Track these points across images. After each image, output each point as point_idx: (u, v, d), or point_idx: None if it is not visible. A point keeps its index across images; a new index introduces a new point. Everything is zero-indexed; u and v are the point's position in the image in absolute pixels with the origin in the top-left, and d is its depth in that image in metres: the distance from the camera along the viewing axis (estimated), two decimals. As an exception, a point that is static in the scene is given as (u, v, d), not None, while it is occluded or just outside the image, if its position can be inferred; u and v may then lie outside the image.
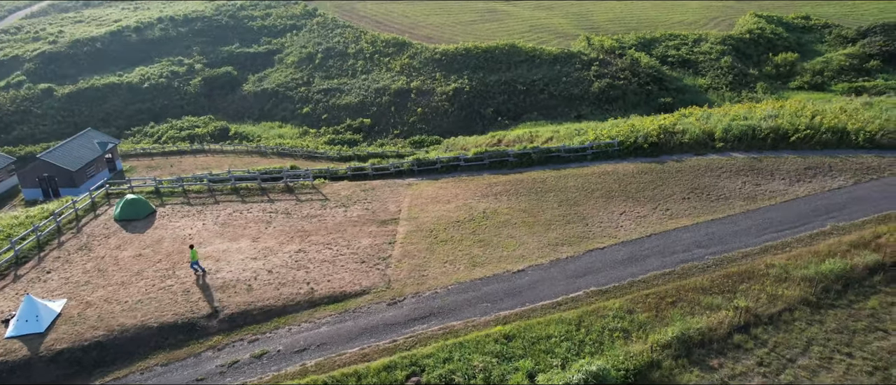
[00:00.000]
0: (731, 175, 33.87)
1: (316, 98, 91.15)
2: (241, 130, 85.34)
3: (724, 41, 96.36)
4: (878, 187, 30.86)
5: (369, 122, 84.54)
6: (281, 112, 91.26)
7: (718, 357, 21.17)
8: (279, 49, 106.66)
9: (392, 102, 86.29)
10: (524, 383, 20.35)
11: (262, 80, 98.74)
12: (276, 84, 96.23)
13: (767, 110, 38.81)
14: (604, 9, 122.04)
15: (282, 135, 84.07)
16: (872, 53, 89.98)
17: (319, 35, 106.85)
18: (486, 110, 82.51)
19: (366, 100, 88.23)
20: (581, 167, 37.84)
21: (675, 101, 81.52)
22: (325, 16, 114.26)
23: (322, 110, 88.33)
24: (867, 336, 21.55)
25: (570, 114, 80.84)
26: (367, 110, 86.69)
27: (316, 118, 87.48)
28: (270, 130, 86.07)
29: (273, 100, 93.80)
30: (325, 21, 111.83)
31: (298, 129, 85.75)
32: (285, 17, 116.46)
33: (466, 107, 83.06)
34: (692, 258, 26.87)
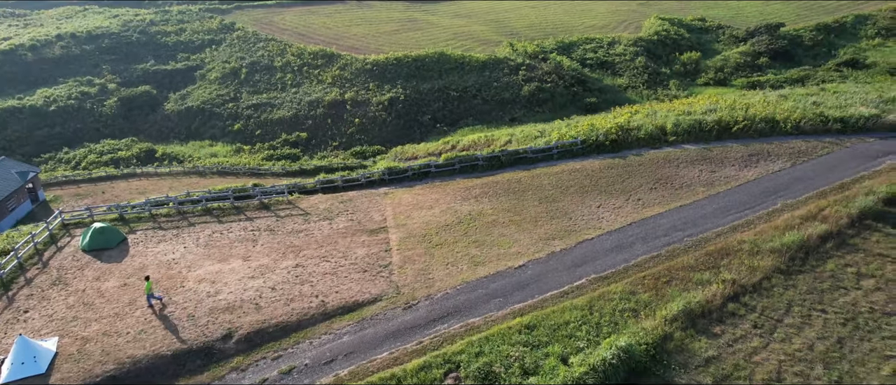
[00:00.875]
0: (688, 165, 37.46)
1: (246, 114, 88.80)
2: (169, 151, 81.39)
3: (636, 43, 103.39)
4: (811, 167, 35.38)
5: (306, 135, 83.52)
6: (210, 130, 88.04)
7: (719, 325, 23.82)
8: (199, 65, 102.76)
9: (327, 114, 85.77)
10: (559, 366, 21.94)
11: (185, 98, 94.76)
12: (201, 101, 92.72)
13: (706, 105, 43.14)
14: (519, 16, 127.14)
15: (215, 153, 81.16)
16: (761, 51, 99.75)
17: (242, 49, 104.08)
18: (423, 118, 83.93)
19: (300, 113, 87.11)
20: (550, 166, 40.22)
21: (599, 100, 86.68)
22: (244, 30, 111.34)
23: (255, 126, 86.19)
24: (833, 294, 25.02)
25: (503, 117, 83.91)
26: (302, 124, 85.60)
27: (249, 134, 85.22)
28: (201, 150, 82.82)
29: (199, 118, 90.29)
30: (246, 35, 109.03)
31: (231, 147, 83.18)
32: (202, 32, 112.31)
33: (403, 115, 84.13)
34: (673, 241, 29.70)
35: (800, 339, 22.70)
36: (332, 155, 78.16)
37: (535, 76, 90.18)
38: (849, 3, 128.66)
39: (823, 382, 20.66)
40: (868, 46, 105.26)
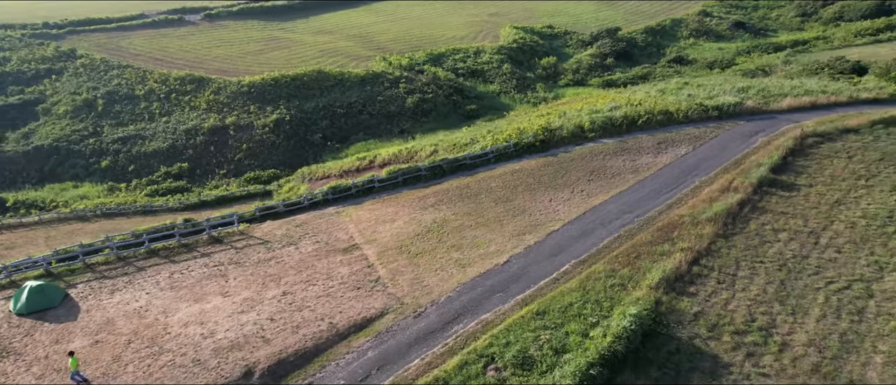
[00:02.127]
0: (612, 156, 42.57)
1: (113, 148, 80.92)
2: (23, 198, 71.29)
3: (499, 51, 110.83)
4: (708, 149, 42.20)
5: (187, 165, 78.32)
6: (70, 170, 78.78)
7: (692, 286, 28.22)
8: (39, 98, 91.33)
9: (209, 142, 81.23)
10: (585, 340, 24.69)
11: (29, 137, 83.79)
12: (52, 139, 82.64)
13: (610, 103, 49.07)
14: (382, 31, 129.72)
15: (85, 195, 72.79)
16: (607, 53, 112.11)
17: (92, 78, 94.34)
18: (313, 137, 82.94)
19: (177, 143, 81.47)
20: (490, 170, 43.17)
21: (478, 107, 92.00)
22: (90, 56, 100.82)
23: (126, 161, 78.82)
24: (763, 248, 30.73)
25: (393, 130, 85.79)
26: (181, 154, 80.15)
27: (121, 171, 77.71)
28: (65, 193, 73.78)
29: (54, 157, 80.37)
30: (93, 62, 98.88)
31: (102, 186, 75.23)
32: (35, 61, 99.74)
33: (293, 136, 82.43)
34: (626, 223, 34.05)
35: (755, 287, 27.74)
36: (223, 183, 74.24)
37: (415, 88, 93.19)
38: (664, 8, 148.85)
39: (783, 316, 25.64)
40: (686, 45, 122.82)
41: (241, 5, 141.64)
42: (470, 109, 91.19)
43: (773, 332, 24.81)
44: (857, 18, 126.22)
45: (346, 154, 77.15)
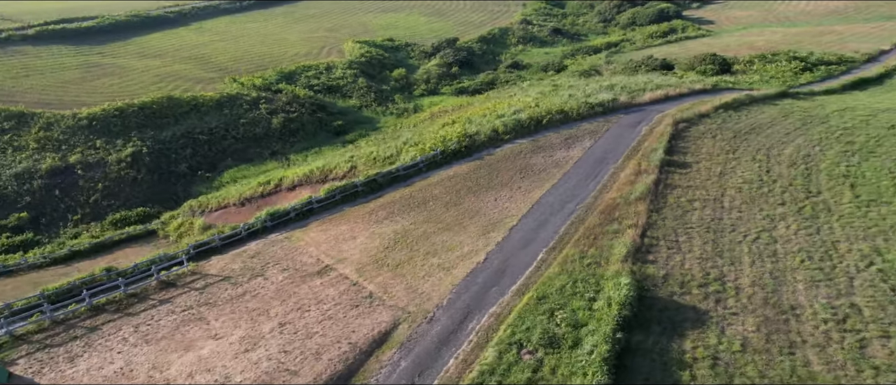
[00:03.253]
0: (531, 154, 47.03)
1: (-84, 209, 66.63)
2: None
3: (350, 66, 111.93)
4: (607, 140, 48.68)
5: (27, 215, 67.57)
6: None
7: (649, 254, 33.30)
8: None
9: (52, 185, 70.91)
10: (594, 311, 28.15)
11: None
12: None
13: (513, 106, 53.70)
14: (217, 51, 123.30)
15: None
16: (451, 62, 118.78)
17: None
18: (178, 167, 76.68)
19: (7, 190, 69.84)
20: (426, 178, 45.03)
21: (345, 122, 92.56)
22: None
23: (-62, 222, 65.39)
24: (687, 216, 36.99)
25: (264, 153, 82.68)
26: (16, 202, 68.94)
27: (-67, 234, 64.24)
28: None
29: None
30: None
31: (-87, 255, 61.51)
32: None
33: (154, 169, 75.32)
34: (572, 211, 38.48)
35: (696, 248, 33.65)
36: (83, 229, 65.25)
37: (277, 108, 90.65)
38: (488, 19, 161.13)
39: (726, 267, 31.66)
40: (517, 52, 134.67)
41: (38, 28, 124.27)
42: (337, 125, 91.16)
43: (725, 281, 30.54)
44: (646, 23, 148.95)
45: (220, 182, 73.28)
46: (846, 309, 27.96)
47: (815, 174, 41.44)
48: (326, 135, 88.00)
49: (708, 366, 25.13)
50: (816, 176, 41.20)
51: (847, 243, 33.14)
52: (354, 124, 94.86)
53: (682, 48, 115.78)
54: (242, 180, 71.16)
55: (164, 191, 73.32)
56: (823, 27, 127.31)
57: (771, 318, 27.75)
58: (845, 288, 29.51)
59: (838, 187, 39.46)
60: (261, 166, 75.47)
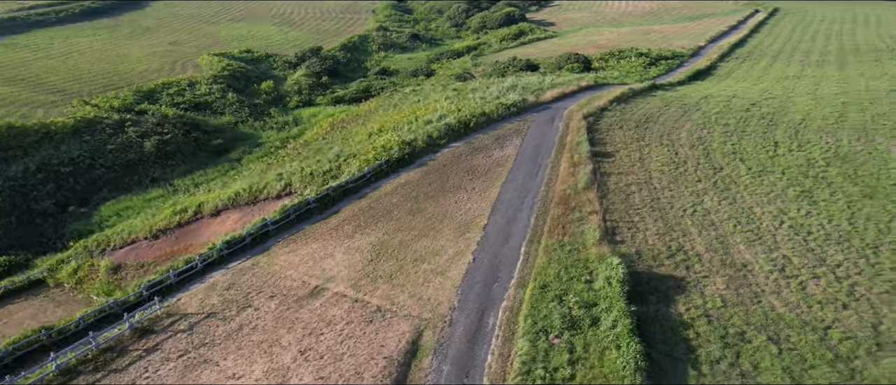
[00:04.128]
0: (471, 156, 49.15)
1: None
2: None
3: (215, 80, 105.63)
4: (533, 137, 52.49)
5: None
6: None
7: (617, 236, 37.28)
8: None
9: None
10: (596, 292, 31.16)
11: None
12: None
13: (438, 112, 55.28)
14: (47, 69, 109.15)
15: None
16: (318, 71, 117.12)
17: None
18: (41, 205, 66.98)
19: None
20: (378, 189, 45.04)
21: (225, 141, 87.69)
22: None
23: None
24: (630, 199, 41.81)
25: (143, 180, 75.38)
26: None
27: None
28: None
29: None
30: None
31: None
32: None
33: (11, 210, 64.84)
34: (532, 204, 41.43)
35: (651, 226, 38.34)
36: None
37: (147, 130, 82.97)
38: (343, 26, 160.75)
39: (682, 240, 36.68)
40: (381, 58, 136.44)
41: None
42: (217, 144, 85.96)
43: (685, 251, 35.42)
44: (496, 26, 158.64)
45: (100, 217, 66.38)
46: (781, 260, 34.05)
47: (712, 153, 48.88)
48: (207, 155, 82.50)
49: (704, 322, 29.29)
50: (713, 155, 48.62)
51: (759, 208, 39.96)
52: (235, 142, 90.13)
53: (537, 49, 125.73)
54: (128, 212, 64.88)
55: (28, 233, 63.71)
56: (647, 27, 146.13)
57: (733, 276, 32.89)
58: (772, 244, 35.78)
59: (733, 162, 47.03)
60: (143, 195, 69.18)
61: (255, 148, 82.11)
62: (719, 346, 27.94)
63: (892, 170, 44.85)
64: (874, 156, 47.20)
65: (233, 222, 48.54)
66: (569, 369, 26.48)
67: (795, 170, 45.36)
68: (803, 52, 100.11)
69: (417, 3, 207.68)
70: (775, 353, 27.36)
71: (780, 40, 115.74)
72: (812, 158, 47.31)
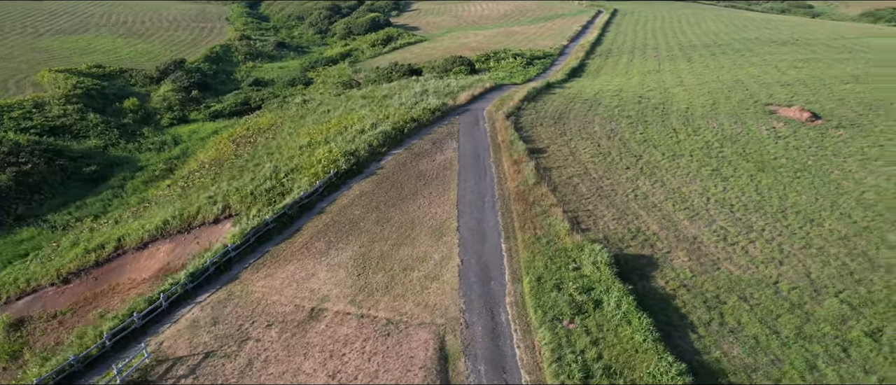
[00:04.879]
0: (416, 161, 49.62)
1: None
2: None
3: (69, 100, 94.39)
4: (466, 138, 54.27)
5: None
6: None
7: (579, 223, 40.41)
8: None
9: None
10: (588, 278, 33.81)
11: None
12: None
13: (369, 121, 54.73)
14: None
15: None
16: (187, 85, 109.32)
17: None
18: None
19: None
20: (333, 202, 43.83)
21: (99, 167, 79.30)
22: None
23: None
24: (578, 188, 45.40)
25: (5, 219, 65.35)
26: None
27: None
28: None
29: None
30: None
31: None
32: None
33: None
34: (493, 203, 43.25)
35: (605, 212, 42.08)
36: None
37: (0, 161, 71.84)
38: (198, 37, 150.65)
39: (633, 221, 40.82)
40: (250, 68, 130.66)
41: None
42: (91, 172, 77.28)
43: (643, 232, 39.54)
44: (362, 32, 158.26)
45: None
46: (721, 231, 39.40)
47: (628, 143, 54.37)
48: (80, 184, 73.77)
49: (685, 292, 33.23)
50: (629, 144, 54.12)
51: (685, 187, 45.55)
52: (110, 167, 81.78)
53: (412, 54, 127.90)
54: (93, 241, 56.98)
55: None
56: (508, 29, 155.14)
57: (689, 249, 37.44)
58: (708, 218, 41.17)
59: (648, 149, 52.80)
60: (11, 237, 60.73)
61: (137, 172, 75.09)
62: (705, 310, 31.86)
63: (768, 146, 53.38)
64: (751, 136, 55.73)
65: (165, 254, 44.41)
66: (594, 349, 28.60)
67: (700, 152, 52.12)
68: (653, 49, 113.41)
69: (272, 9, 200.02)
70: (748, 309, 31.85)
71: (628, 38, 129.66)
72: (708, 141, 54.62)
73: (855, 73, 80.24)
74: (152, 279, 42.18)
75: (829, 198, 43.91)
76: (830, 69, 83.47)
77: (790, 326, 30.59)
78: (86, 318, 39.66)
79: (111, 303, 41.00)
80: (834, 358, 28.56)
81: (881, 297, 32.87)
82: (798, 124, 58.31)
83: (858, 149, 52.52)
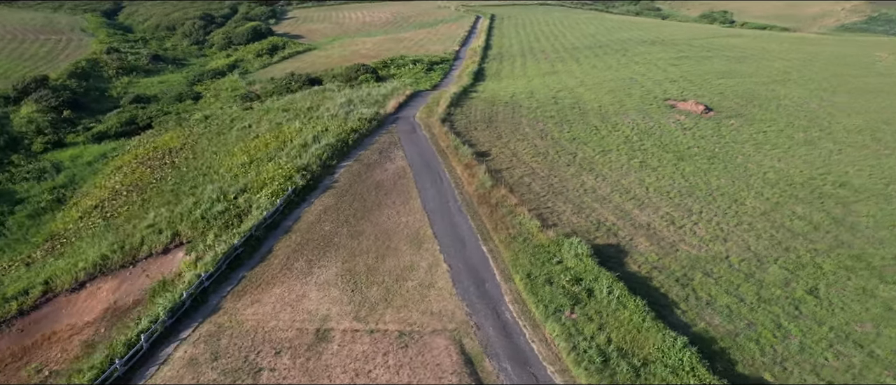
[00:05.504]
0: (369, 172, 49.28)
1: None
2: None
3: None
4: (411, 146, 54.81)
5: None
6: None
7: (548, 220, 42.87)
8: None
9: None
10: (573, 267, 36.20)
11: None
12: None
13: (310, 134, 53.09)
14: None
15: None
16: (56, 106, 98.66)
17: None
18: None
19: None
20: (299, 221, 42.30)
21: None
22: None
23: None
24: (532, 185, 47.94)
25: None
26: None
27: None
28: None
29: None
30: None
31: None
32: None
33: None
34: (458, 208, 44.54)
35: (563, 207, 44.99)
36: None
37: None
38: (51, 51, 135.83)
39: (591, 213, 44.12)
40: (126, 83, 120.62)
41: None
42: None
43: (604, 223, 42.91)
44: (244, 42, 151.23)
45: None
46: (667, 217, 43.89)
47: (560, 142, 58.08)
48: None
49: (658, 274, 36.88)
50: (562, 143, 57.84)
51: (624, 179, 49.90)
52: (-12, 203, 71.94)
53: (304, 63, 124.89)
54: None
55: None
56: (396, 35, 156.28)
57: (648, 235, 41.32)
58: (653, 206, 45.56)
59: (580, 147, 56.85)
60: None
61: (15, 206, 67.08)
62: (679, 288, 35.52)
63: (679, 138, 59.76)
64: (663, 129, 61.99)
65: (109, 292, 40.50)
66: (602, 335, 30.89)
67: (624, 146, 57.08)
68: (541, 51, 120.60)
69: (134, 20, 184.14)
70: (713, 282, 36.00)
71: (514, 42, 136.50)
72: (628, 136, 59.92)
73: (722, 69, 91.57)
74: (99, 322, 38.29)
75: (742, 179, 50.32)
76: (701, 66, 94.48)
77: (751, 293, 35.03)
78: (16, 376, 35.28)
79: (49, 355, 36.77)
80: (790, 315, 33.24)
81: (807, 260, 38.62)
82: (697, 117, 65.72)
83: (749, 136, 60.49)
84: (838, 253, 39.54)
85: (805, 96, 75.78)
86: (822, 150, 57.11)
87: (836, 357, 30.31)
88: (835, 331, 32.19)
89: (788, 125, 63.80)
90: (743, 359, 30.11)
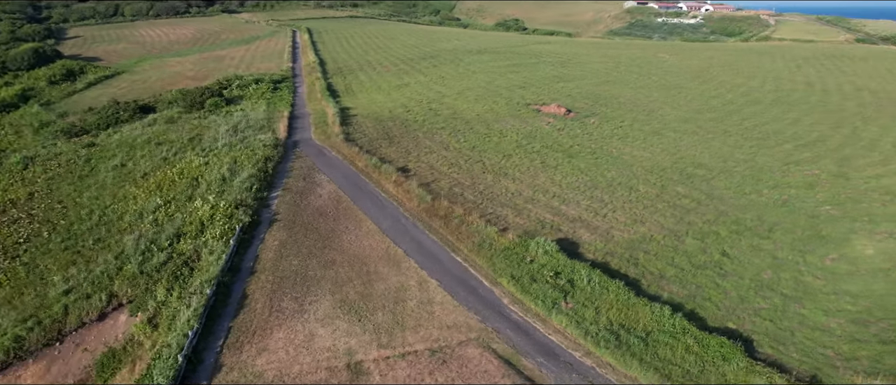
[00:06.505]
0: (303, 199, 47.32)
1: None
2: None
3: None
4: (331, 169, 53.78)
5: None
6: None
7: (500, 224, 46.12)
8: None
9: None
10: (551, 258, 39.98)
11: None
12: None
13: (225, 166, 48.74)
14: None
15: None
16: None
17: None
18: None
19: None
20: (259, 259, 39.30)
21: None
22: None
23: None
24: (460, 196, 50.83)
25: None
26: None
27: None
28: None
29: None
30: None
31: None
32: None
33: None
34: (412, 223, 45.53)
35: (506, 210, 48.62)
36: None
37: None
38: None
39: (533, 211, 48.55)
40: None
41: None
42: None
43: (544, 221, 47.47)
44: (25, 67, 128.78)
45: None
46: (590, 209, 50.02)
47: (463, 151, 61.63)
48: None
49: (610, 258, 42.57)
50: (465, 152, 61.47)
51: (537, 180, 55.26)
52: None
53: (121, 89, 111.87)
54: None
55: None
56: (214, 53, 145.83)
57: (585, 226, 46.86)
58: (574, 200, 51.47)
59: (483, 153, 61.02)
60: None
61: None
62: (633, 266, 41.51)
63: (558, 138, 67.30)
64: (541, 131, 69.11)
65: (36, 379, 34.02)
66: (602, 317, 35.05)
67: (521, 150, 62.67)
68: (379, 64, 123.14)
69: None
70: (655, 258, 42.62)
71: (344, 56, 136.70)
72: (517, 140, 65.73)
73: (554, 73, 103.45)
74: (40, 417, 32.16)
75: (626, 169, 58.88)
76: (536, 72, 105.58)
77: (686, 263, 42.17)
78: None
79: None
80: (720, 274, 40.94)
81: (707, 230, 47.37)
82: (562, 118, 74.26)
83: (611, 132, 70.39)
84: (723, 220, 49.01)
85: (632, 94, 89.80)
86: (669, 139, 68.92)
87: (764, 300, 38.24)
88: (753, 281, 40.41)
89: (635, 120, 75.45)
90: (707, 315, 36.51)
